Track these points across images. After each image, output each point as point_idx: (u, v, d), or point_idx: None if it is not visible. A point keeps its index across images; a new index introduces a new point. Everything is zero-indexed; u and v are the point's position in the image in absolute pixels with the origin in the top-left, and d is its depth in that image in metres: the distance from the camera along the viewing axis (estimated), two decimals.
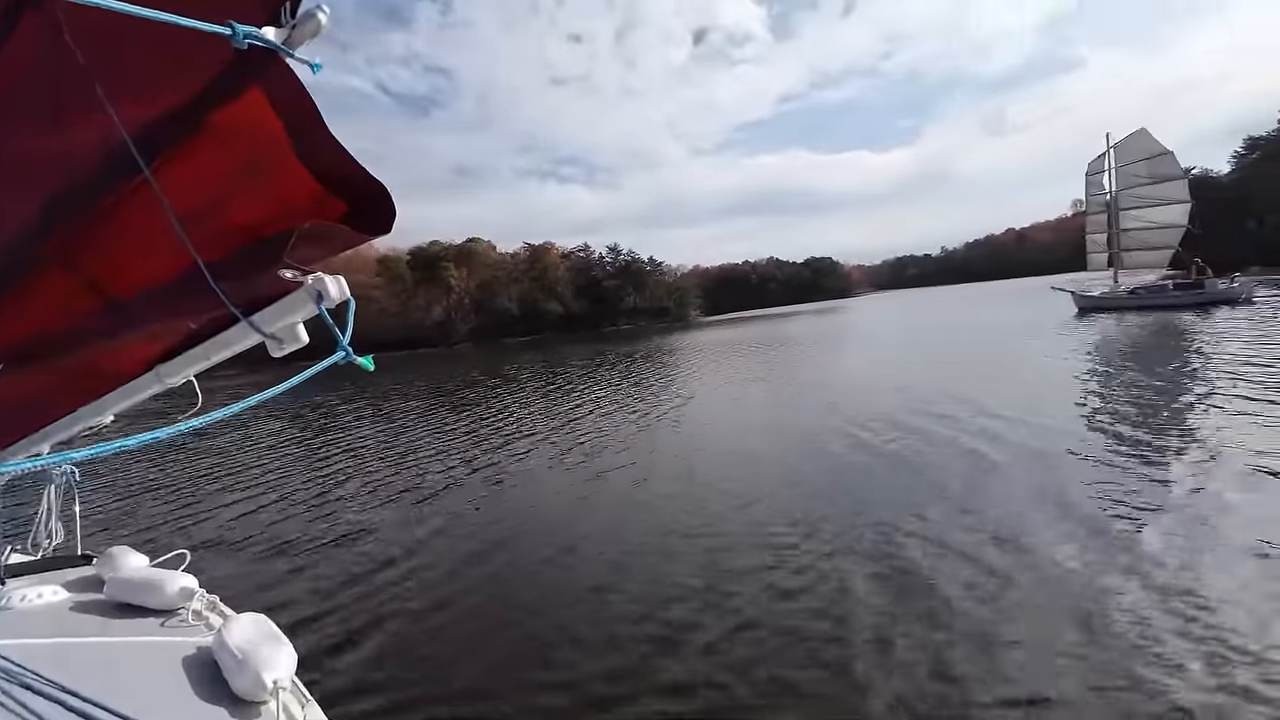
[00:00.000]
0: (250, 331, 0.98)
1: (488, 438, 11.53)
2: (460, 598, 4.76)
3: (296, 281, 0.92)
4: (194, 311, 1.04)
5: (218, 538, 6.90)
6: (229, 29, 0.80)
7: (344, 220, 0.96)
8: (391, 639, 4.23)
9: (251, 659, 1.54)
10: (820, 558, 4.81)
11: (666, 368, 22.34)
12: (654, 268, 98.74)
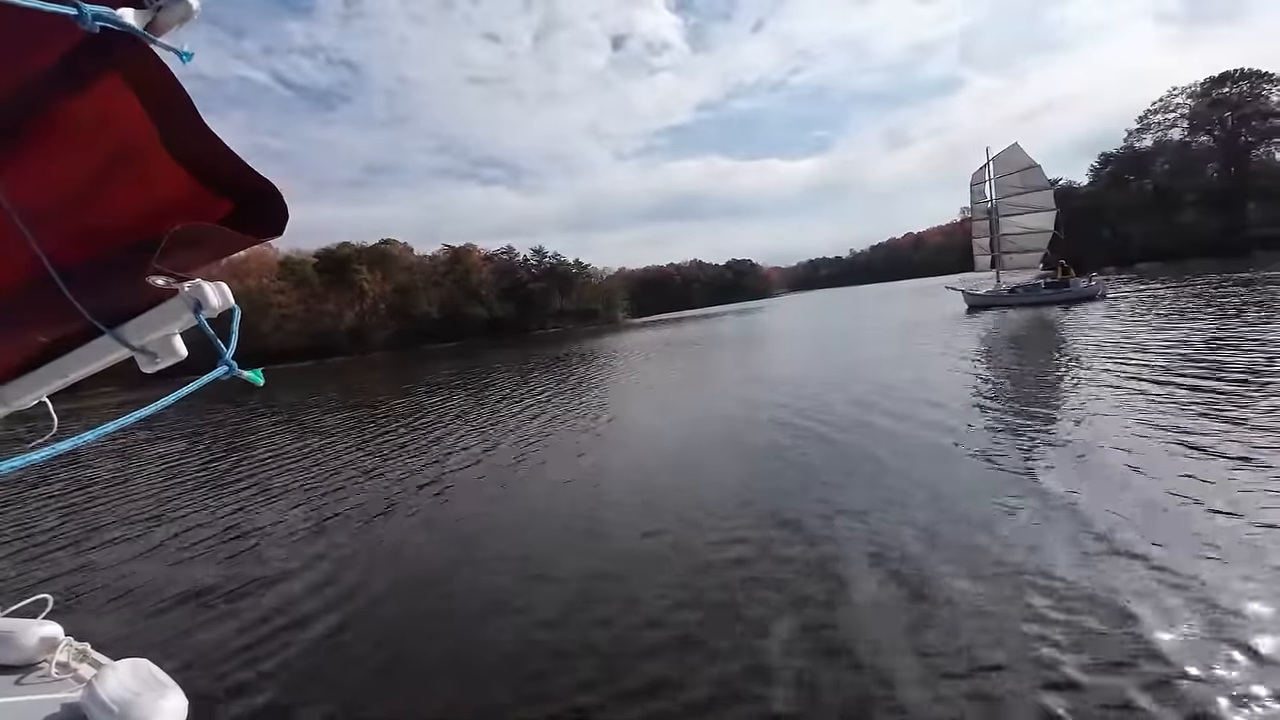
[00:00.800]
0: (116, 345, 0.87)
1: (411, 454, 10.95)
2: (374, 628, 4.43)
3: (170, 289, 0.83)
4: (44, 323, 0.91)
5: (87, 580, 6.00)
6: (74, 9, 0.70)
7: (228, 222, 0.88)
8: (297, 677, 3.88)
9: (130, 711, 1.38)
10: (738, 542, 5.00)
11: (606, 370, 22.27)
12: (581, 270, 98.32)
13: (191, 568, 6.10)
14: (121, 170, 0.91)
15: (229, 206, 0.93)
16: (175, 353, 0.89)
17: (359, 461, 10.46)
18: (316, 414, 17.56)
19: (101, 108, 0.86)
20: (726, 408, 11.46)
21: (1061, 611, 3.60)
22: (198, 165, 0.88)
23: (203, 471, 11.07)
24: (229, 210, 0.93)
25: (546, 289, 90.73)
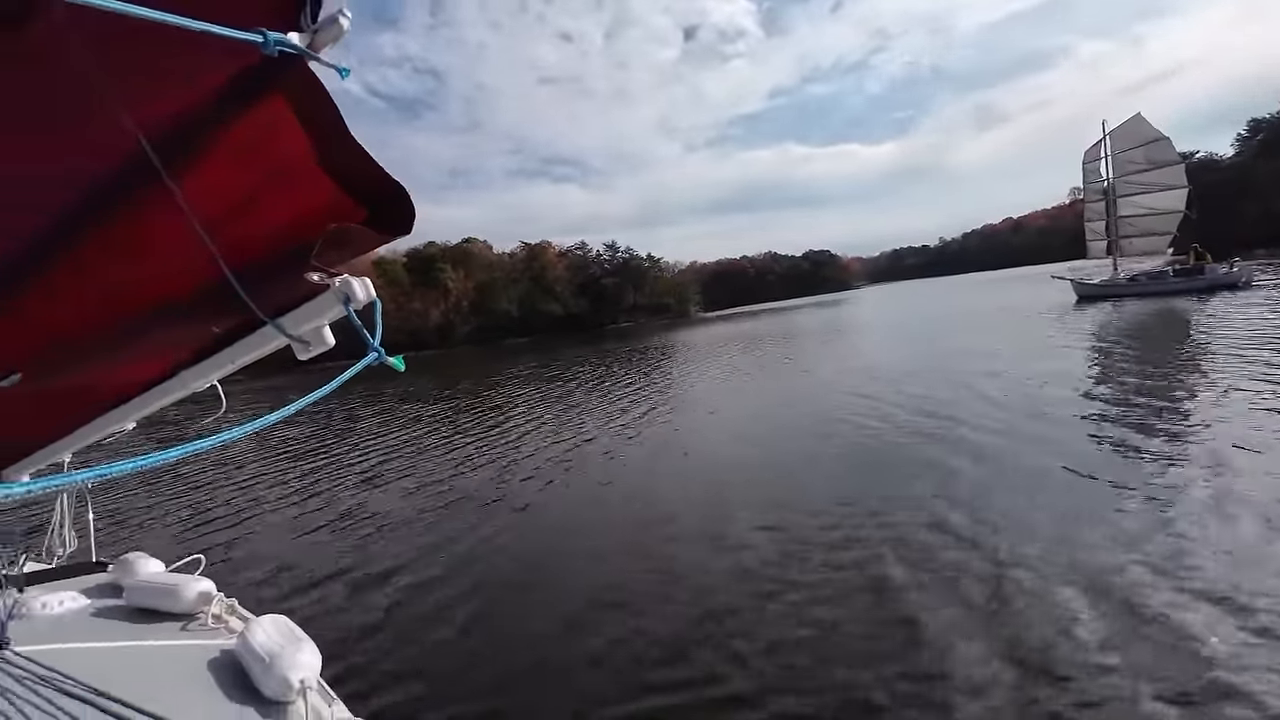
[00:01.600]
0: (277, 335, 0.99)
1: (502, 440, 11.52)
2: (480, 600, 4.78)
3: (323, 284, 0.93)
4: (219, 317, 1.05)
5: (232, 542, 6.96)
6: (260, 35, 0.80)
7: (366, 222, 0.97)
8: (413, 638, 4.28)
9: (277, 660, 1.56)
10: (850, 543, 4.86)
11: (686, 364, 22.32)
12: (653, 264, 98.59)
13: (316, 538, 6.82)
14: (279, 182, 1.03)
15: (367, 209, 1.02)
16: (325, 341, 1.00)
17: (465, 448, 11.11)
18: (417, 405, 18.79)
19: (265, 126, 0.97)
20: (821, 404, 11.03)
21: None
22: (343, 174, 0.97)
23: (323, 454, 12.20)
24: (367, 212, 1.02)
25: (619, 284, 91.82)
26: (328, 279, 0.93)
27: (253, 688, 1.54)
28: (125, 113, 1.08)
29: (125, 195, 1.21)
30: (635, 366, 22.89)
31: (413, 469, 9.82)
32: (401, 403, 19.51)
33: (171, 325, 1.17)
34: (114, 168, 1.22)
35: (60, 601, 2.20)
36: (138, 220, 1.21)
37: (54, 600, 2.19)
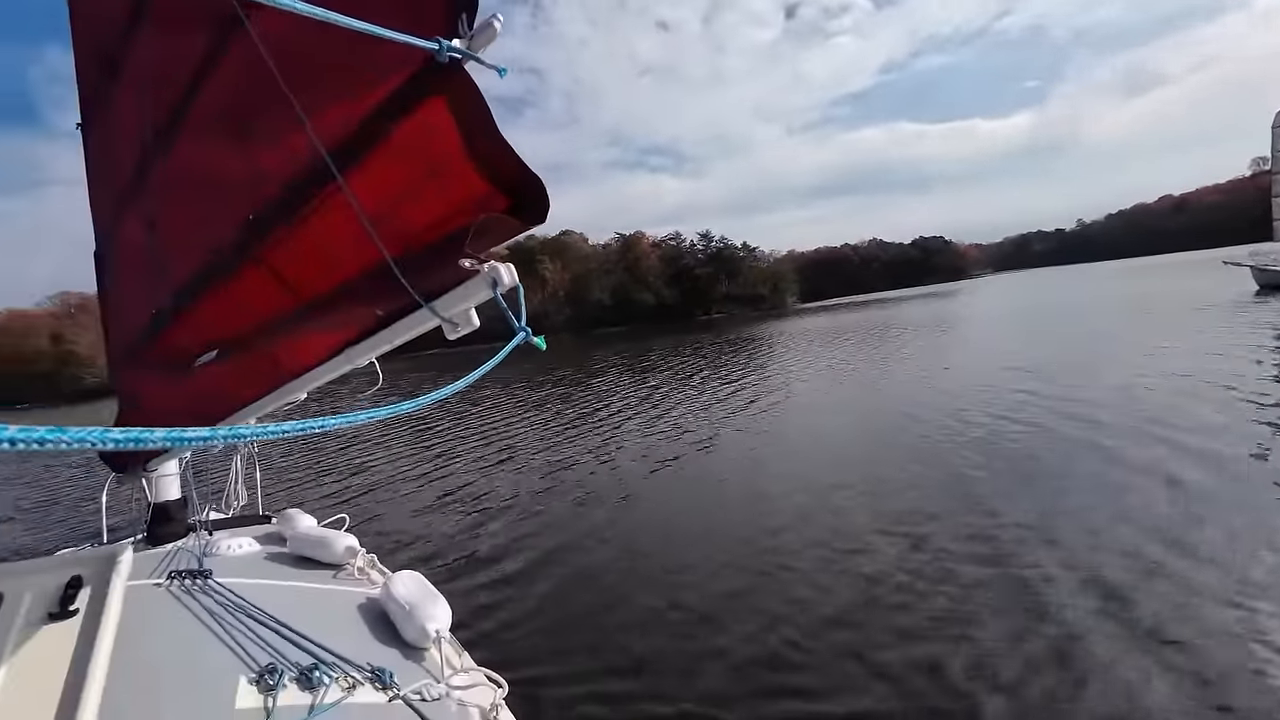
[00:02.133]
0: (430, 317, 1.10)
1: (607, 424, 11.90)
2: (590, 579, 4.99)
3: (473, 270, 1.02)
4: (381, 300, 1.19)
5: (368, 506, 7.91)
6: (436, 44, 0.89)
7: (508, 212, 1.04)
8: (531, 601, 4.64)
9: (416, 610, 1.74)
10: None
11: (784, 356, 21.79)
12: (748, 253, 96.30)
13: (438, 508, 7.51)
14: (433, 177, 1.14)
15: (509, 200, 1.10)
16: (472, 323, 1.10)
17: (569, 432, 11.62)
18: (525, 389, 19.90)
19: (425, 126, 1.07)
20: (950, 405, 9.86)
21: None
22: (490, 167, 1.06)
23: (443, 432, 13.25)
24: (509, 203, 1.10)
25: (712, 274, 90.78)
26: (477, 265, 1.01)
27: (395, 633, 1.74)
28: (310, 121, 1.24)
29: (305, 196, 1.40)
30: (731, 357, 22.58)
31: (524, 449, 10.44)
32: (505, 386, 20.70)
33: (341, 308, 1.33)
34: (297, 171, 1.41)
35: (240, 545, 2.57)
36: (314, 218, 1.39)
37: (235, 544, 2.57)
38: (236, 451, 3.97)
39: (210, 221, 1.94)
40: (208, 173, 1.93)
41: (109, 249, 3.19)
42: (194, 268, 2.08)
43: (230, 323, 1.94)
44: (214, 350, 2.09)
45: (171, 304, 2.28)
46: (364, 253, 1.23)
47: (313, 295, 1.44)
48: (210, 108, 1.78)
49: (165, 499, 3.38)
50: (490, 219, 1.01)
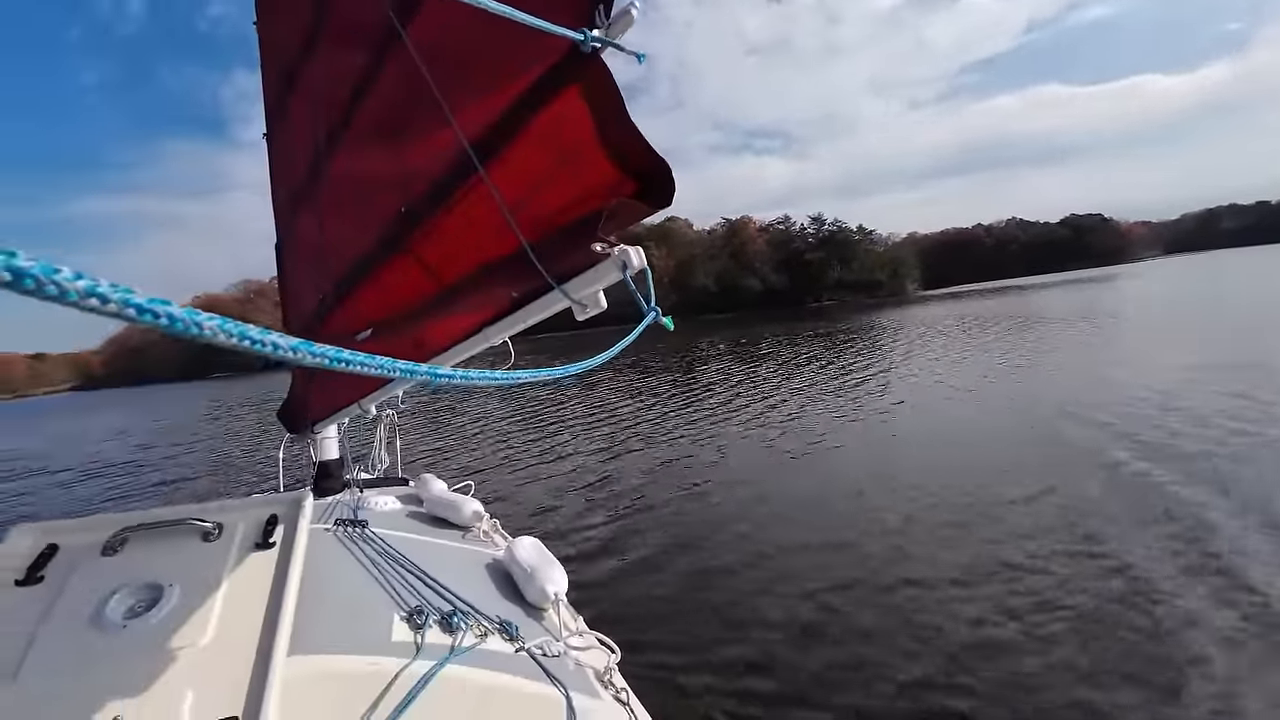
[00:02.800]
0: (562, 299, 1.16)
1: (729, 410, 11.89)
2: (707, 556, 5.12)
3: (604, 253, 1.06)
4: (516, 283, 1.27)
5: (490, 474, 8.66)
6: (580, 34, 0.94)
7: (636, 197, 1.07)
8: (640, 577, 4.84)
9: (537, 573, 1.87)
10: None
11: (907, 350, 20.40)
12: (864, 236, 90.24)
13: (553, 482, 8.00)
14: (566, 165, 1.19)
15: (636, 184, 1.13)
16: (600, 304, 1.14)
17: (686, 416, 11.80)
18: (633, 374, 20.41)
19: (560, 115, 1.13)
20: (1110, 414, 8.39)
21: None
22: (620, 153, 1.08)
23: (560, 411, 14.07)
24: (636, 187, 1.12)
25: (824, 259, 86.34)
26: (608, 248, 1.05)
27: (518, 592, 1.88)
28: (456, 119, 1.35)
29: (449, 189, 1.52)
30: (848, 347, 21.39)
31: (632, 432, 10.77)
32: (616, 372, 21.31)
33: (479, 291, 1.45)
34: (444, 167, 1.54)
35: (386, 502, 2.89)
36: (457, 209, 1.51)
37: (381, 500, 2.89)
38: (380, 421, 4.44)
39: (367, 217, 2.18)
40: (366, 173, 2.17)
41: (287, 241, 3.70)
42: (353, 257, 2.35)
43: (382, 305, 2.17)
44: (369, 329, 2.36)
45: (335, 289, 2.60)
46: (501, 239, 1.32)
47: (454, 280, 1.58)
48: (370, 114, 1.99)
49: (327, 458, 3.89)
50: (619, 203, 1.04)
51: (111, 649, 1.05)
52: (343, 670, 1.14)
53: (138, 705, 0.96)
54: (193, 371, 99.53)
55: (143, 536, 1.28)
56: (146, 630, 1.09)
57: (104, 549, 1.23)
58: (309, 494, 1.48)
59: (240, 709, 0.98)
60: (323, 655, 1.15)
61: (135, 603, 1.14)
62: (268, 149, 3.40)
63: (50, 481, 14.34)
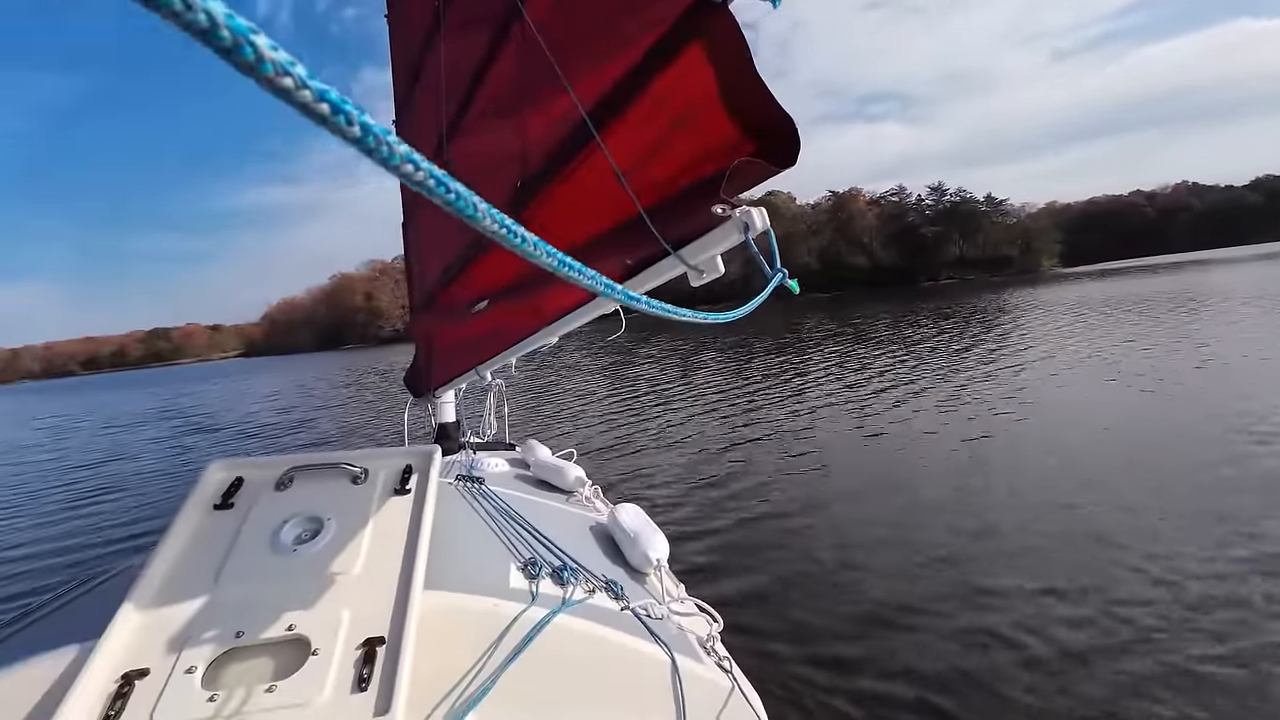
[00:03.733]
0: (677, 264, 1.15)
1: (827, 392, 11.52)
2: (813, 537, 5.00)
3: (724, 216, 1.02)
4: (631, 249, 1.28)
5: (591, 443, 9.01)
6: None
7: (759, 155, 1.02)
8: (742, 552, 4.83)
9: (640, 538, 1.91)
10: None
11: (1052, 334, 18.44)
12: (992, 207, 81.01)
13: (651, 454, 8.19)
14: (685, 126, 1.16)
15: (760, 142, 1.08)
16: (717, 269, 1.12)
17: (792, 393, 11.58)
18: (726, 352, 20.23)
19: (682, 75, 1.10)
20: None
21: None
22: (742, 110, 1.04)
23: (657, 384, 14.31)
24: (759, 146, 1.07)
25: (942, 233, 78.97)
26: (729, 210, 1.02)
27: (620, 556, 1.94)
28: (574, 88, 1.37)
29: (565, 159, 1.56)
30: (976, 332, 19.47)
31: (731, 409, 10.64)
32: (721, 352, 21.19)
33: (592, 259, 1.47)
34: (560, 137, 1.57)
35: (496, 464, 3.09)
36: (572, 178, 1.54)
37: (492, 462, 3.08)
38: (490, 391, 4.73)
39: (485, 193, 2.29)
40: (484, 151, 2.27)
41: (412, 221, 4.00)
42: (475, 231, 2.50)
43: (499, 276, 2.29)
44: (485, 300, 2.50)
45: (456, 262, 2.77)
46: (615, 206, 1.33)
47: (567, 249, 1.62)
48: (489, 95, 2.07)
49: (445, 421, 4.22)
50: (741, 164, 1.00)
51: (285, 568, 1.22)
52: (469, 608, 1.24)
53: (307, 617, 1.11)
54: (327, 344, 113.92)
55: (306, 475, 1.46)
56: (311, 556, 1.25)
57: (276, 484, 1.42)
58: (438, 449, 1.61)
59: (386, 631, 1.10)
60: (452, 593, 1.25)
61: (301, 531, 1.31)
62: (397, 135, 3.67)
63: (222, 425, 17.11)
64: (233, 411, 21.24)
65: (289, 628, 1.10)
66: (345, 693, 1.01)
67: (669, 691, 1.21)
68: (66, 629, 1.21)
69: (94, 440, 17.89)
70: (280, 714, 0.97)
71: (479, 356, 2.82)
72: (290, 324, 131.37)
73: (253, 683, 1.01)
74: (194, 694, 0.98)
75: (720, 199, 1.01)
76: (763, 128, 1.05)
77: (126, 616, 1.09)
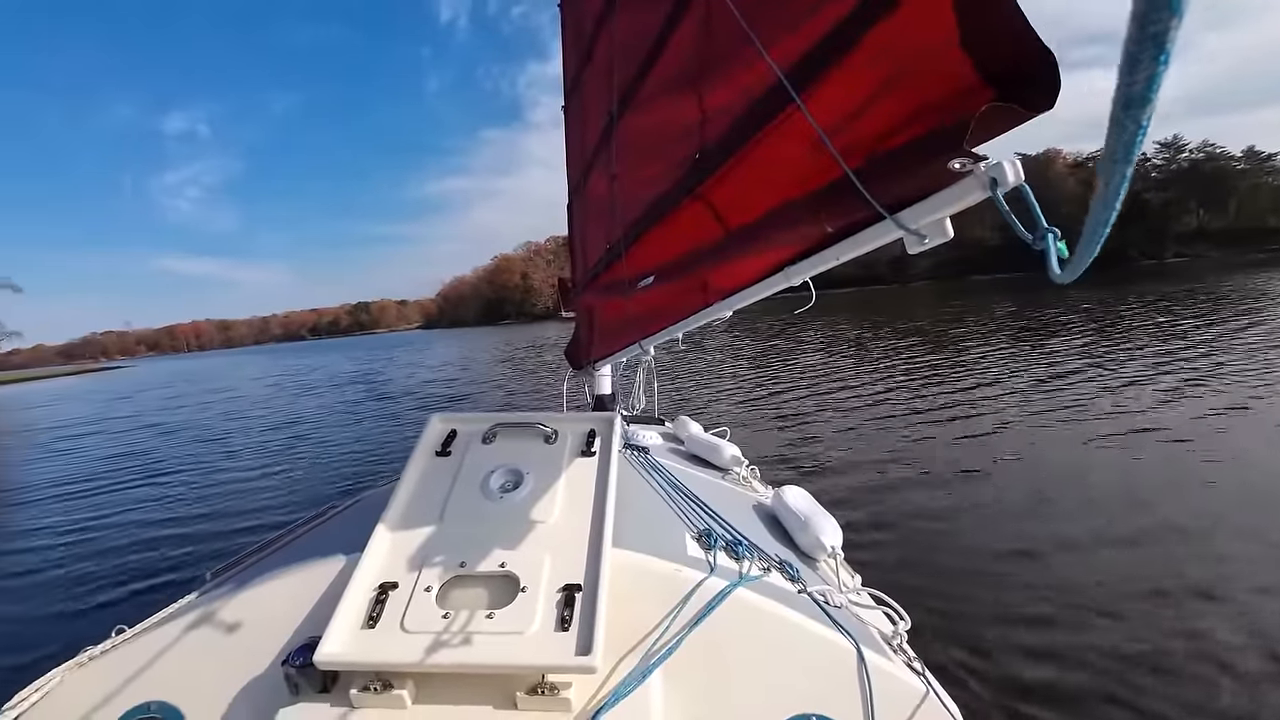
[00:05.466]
0: (891, 229, 1.04)
1: (1013, 384, 10.31)
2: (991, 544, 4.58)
3: (962, 171, 0.90)
4: (832, 215, 1.19)
5: (745, 420, 8.87)
6: None
7: (1007, 100, 0.87)
8: (912, 552, 4.52)
9: (811, 522, 1.84)
10: None
11: None
12: (1255, 163, 63.11)
13: (810, 437, 7.96)
14: (905, 77, 1.04)
15: (994, 89, 0.93)
16: (945, 233, 0.99)
17: (970, 384, 10.62)
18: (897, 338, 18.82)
19: (907, 22, 0.98)
20: None
21: None
22: (986, 52, 0.90)
23: (808, 367, 13.88)
24: (994, 93, 0.92)
25: (1175, 200, 63.90)
26: (969, 165, 0.89)
27: (789, 539, 1.88)
28: (769, 51, 1.29)
29: (753, 125, 1.49)
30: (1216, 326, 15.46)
31: (898, 400, 9.94)
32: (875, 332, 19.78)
33: (780, 229, 1.40)
34: (749, 102, 1.51)
35: (650, 436, 3.15)
36: (762, 142, 1.47)
37: (646, 434, 3.16)
38: (640, 366, 4.86)
39: (656, 168, 2.30)
40: (661, 124, 2.27)
41: (577, 200, 4.20)
42: (640, 208, 2.53)
43: (667, 251, 2.30)
44: (651, 276, 2.54)
45: (622, 240, 2.85)
46: (811, 171, 1.24)
47: (751, 220, 1.56)
48: (665, 68, 2.06)
49: (602, 393, 4.43)
50: (988, 110, 0.86)
51: (494, 512, 1.37)
52: (654, 569, 1.29)
53: (515, 557, 1.24)
54: (488, 318, 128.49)
55: (507, 432, 1.62)
56: (515, 504, 1.39)
57: (483, 438, 1.60)
58: (619, 417, 1.69)
59: (582, 579, 1.19)
60: (637, 553, 1.31)
61: (505, 481, 1.46)
62: (564, 119, 3.83)
63: (413, 385, 19.98)
64: (417, 375, 24.98)
65: (500, 565, 1.23)
66: (550, 629, 1.11)
67: (855, 684, 1.15)
68: (331, 542, 1.48)
69: (320, 392, 22.18)
70: (499, 639, 1.09)
71: (643, 331, 2.89)
72: (460, 299, 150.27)
73: (475, 607, 1.15)
74: (431, 609, 1.15)
75: (961, 152, 0.88)
76: (1012, 68, 0.89)
77: (380, 537, 1.31)
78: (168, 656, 1.22)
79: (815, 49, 1.22)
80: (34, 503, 9.62)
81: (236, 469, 10.27)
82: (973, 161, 0.88)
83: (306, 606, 1.25)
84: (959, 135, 0.89)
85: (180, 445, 13.66)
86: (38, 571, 6.32)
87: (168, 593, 2.79)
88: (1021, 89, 0.89)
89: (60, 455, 14.39)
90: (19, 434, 21.06)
